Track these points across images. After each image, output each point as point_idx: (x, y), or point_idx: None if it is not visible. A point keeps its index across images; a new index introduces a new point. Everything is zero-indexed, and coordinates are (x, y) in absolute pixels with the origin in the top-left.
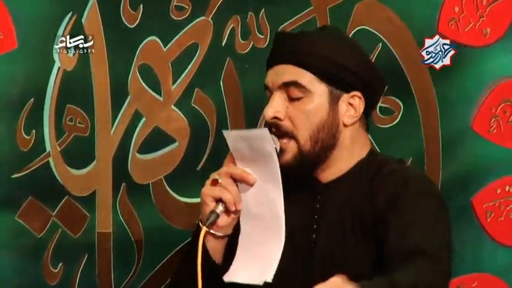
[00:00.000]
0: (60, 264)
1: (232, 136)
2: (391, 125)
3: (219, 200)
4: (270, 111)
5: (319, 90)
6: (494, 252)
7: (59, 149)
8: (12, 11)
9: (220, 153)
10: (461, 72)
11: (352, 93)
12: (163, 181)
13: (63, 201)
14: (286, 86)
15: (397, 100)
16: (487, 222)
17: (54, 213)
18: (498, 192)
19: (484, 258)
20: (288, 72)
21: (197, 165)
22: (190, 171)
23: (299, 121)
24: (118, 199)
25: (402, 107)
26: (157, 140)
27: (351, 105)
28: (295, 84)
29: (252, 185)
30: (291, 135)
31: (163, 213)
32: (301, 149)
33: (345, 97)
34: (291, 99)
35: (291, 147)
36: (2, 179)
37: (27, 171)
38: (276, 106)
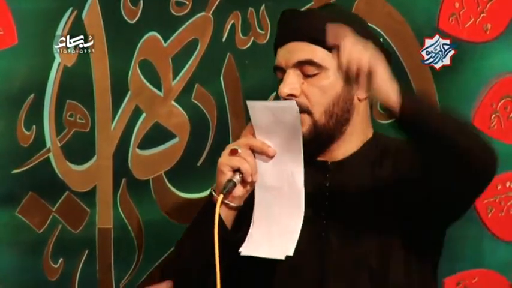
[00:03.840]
0: (61, 259)
1: (256, 107)
2: (391, 120)
3: (236, 170)
4: (286, 88)
5: (333, 65)
6: (495, 248)
7: (59, 145)
8: (12, 7)
9: (221, 149)
10: (462, 68)
11: None
12: (164, 177)
13: (63, 196)
14: (300, 64)
15: None
16: (488, 218)
17: (55, 208)
18: (499, 188)
19: (484, 254)
20: (301, 49)
21: (197, 160)
22: (191, 167)
23: (315, 97)
24: (118, 195)
25: None
26: (157, 135)
27: None
28: (310, 62)
29: (271, 158)
30: (306, 111)
31: (164, 209)
32: (316, 123)
33: None
34: (306, 76)
35: (306, 120)
36: (2, 174)
37: (27, 167)
38: (291, 83)
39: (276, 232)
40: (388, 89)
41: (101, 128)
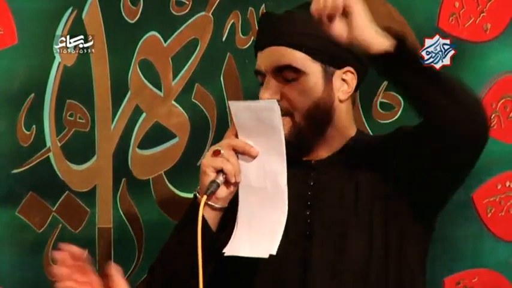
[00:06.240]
0: None
1: (238, 107)
2: (391, 120)
3: (219, 171)
4: (266, 94)
5: (313, 69)
6: (495, 247)
7: (59, 144)
8: (13, 6)
9: None
10: (462, 68)
11: (344, 69)
12: (164, 176)
13: (63, 196)
14: (280, 69)
15: (398, 95)
16: (488, 218)
17: (55, 208)
18: (499, 187)
19: (484, 254)
20: (280, 54)
21: (197, 160)
22: (191, 167)
23: (295, 101)
24: (118, 194)
25: (402, 102)
26: (157, 135)
27: (344, 81)
28: (290, 67)
29: (254, 158)
30: (287, 113)
31: (164, 209)
32: (297, 125)
33: (338, 73)
34: (286, 80)
35: (287, 122)
36: (2, 174)
37: (27, 167)
38: (272, 88)
39: (259, 231)
40: (369, 31)
41: (101, 127)
